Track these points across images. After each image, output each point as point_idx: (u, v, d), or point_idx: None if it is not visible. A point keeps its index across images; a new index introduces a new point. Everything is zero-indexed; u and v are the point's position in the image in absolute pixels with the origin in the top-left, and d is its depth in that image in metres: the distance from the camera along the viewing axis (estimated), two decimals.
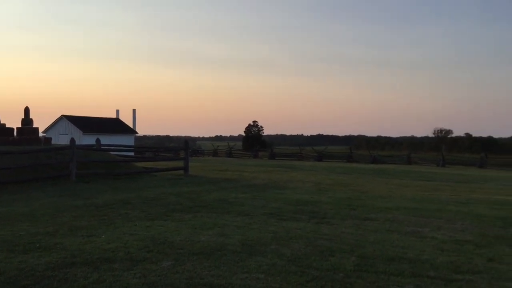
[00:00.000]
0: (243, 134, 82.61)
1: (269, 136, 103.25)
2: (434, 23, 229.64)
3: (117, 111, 48.88)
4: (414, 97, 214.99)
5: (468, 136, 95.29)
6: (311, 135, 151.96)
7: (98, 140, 19.07)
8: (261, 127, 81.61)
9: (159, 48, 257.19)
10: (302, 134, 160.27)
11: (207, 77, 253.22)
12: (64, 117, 43.91)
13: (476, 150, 60.67)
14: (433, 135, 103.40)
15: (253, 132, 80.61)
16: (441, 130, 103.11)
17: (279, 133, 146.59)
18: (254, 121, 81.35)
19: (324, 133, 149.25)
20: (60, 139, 37.43)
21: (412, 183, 16.06)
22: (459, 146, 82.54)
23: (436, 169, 28.01)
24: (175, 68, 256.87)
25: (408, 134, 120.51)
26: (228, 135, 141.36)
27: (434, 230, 7.35)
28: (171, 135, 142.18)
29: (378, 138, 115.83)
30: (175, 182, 14.42)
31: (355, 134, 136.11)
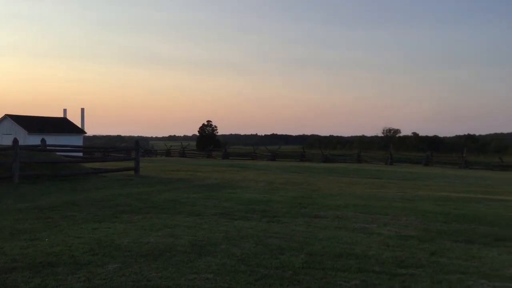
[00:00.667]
0: (197, 134, 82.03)
1: (223, 135, 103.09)
2: (382, 24, 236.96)
3: (65, 110, 47.17)
4: (365, 98, 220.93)
5: (415, 135, 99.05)
6: (265, 135, 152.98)
7: (43, 140, 18.29)
8: (215, 126, 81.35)
9: (111, 46, 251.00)
10: (256, 134, 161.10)
11: (160, 76, 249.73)
12: (8, 117, 41.87)
13: (423, 148, 63.13)
14: (382, 135, 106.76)
15: (207, 132, 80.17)
16: (389, 130, 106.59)
17: (233, 132, 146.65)
18: (208, 121, 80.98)
19: (278, 133, 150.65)
20: (4, 140, 35.68)
21: (361, 181, 16.49)
22: (407, 145, 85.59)
23: (385, 167, 28.91)
24: (128, 67, 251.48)
25: (359, 134, 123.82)
26: (182, 135, 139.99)
27: (380, 226, 7.57)
28: (122, 135, 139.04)
29: (330, 138, 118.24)
30: (125, 183, 14.09)
31: (308, 133, 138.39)
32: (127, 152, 38.59)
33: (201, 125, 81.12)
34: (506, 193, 13.56)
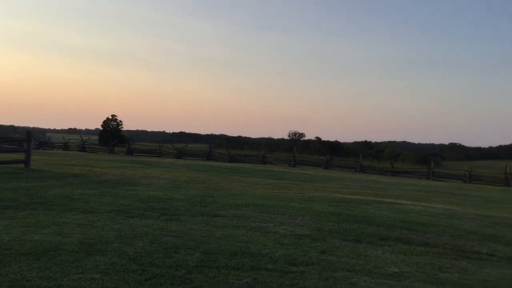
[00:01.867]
0: (100, 128, 78.38)
1: (129, 131, 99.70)
2: (295, 30, 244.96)
3: None
4: (274, 101, 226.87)
5: (318, 139, 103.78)
6: (173, 133, 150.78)
7: None
8: (120, 121, 78.33)
9: (9, 30, 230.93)
10: (164, 131, 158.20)
11: (62, 66, 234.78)
12: None
13: (324, 152, 66.08)
14: (288, 137, 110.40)
15: (111, 127, 76.91)
16: (295, 133, 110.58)
17: (140, 129, 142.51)
18: (112, 115, 77.72)
19: (187, 131, 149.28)
20: None
21: (264, 182, 16.82)
22: (310, 148, 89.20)
23: (288, 169, 29.81)
24: (25, 54, 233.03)
25: (267, 136, 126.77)
26: (83, 129, 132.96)
27: (277, 225, 7.75)
28: (16, 125, 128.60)
29: (239, 138, 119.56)
30: (13, 177, 12.98)
31: (217, 133, 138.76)
32: (19, 143, 35.66)
33: (105, 119, 77.68)
34: (394, 196, 14.62)
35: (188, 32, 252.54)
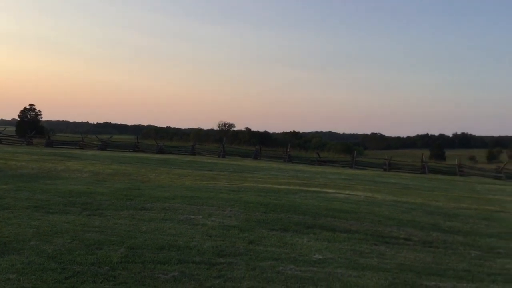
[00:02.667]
0: (17, 119, 73.48)
1: (49, 122, 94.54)
2: (227, 21, 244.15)
3: None
4: (204, 91, 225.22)
5: (248, 130, 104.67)
6: (97, 123, 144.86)
7: None
8: (39, 111, 73.85)
9: None
10: (87, 122, 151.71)
11: None
12: None
13: (254, 143, 66.77)
14: (218, 128, 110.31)
15: (29, 117, 72.35)
16: (225, 124, 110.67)
17: (61, 119, 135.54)
18: (30, 105, 73.02)
19: (112, 121, 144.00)
20: None
21: (193, 173, 16.68)
22: (240, 139, 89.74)
23: (217, 160, 29.78)
24: None
25: (196, 126, 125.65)
26: None
27: (205, 217, 7.71)
28: None
29: (168, 129, 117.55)
30: None
31: (145, 124, 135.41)
32: None
33: (22, 109, 72.90)
34: (320, 185, 15.11)
35: (116, 19, 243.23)
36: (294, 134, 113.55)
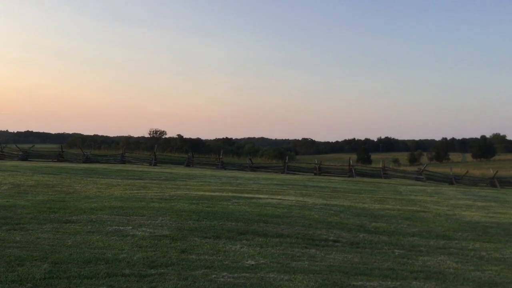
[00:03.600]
0: None
1: None
2: (152, 27, 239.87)
3: None
4: (133, 98, 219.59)
5: (180, 137, 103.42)
6: (18, 132, 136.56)
7: None
8: None
9: None
10: (7, 130, 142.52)
11: None
12: None
13: (186, 150, 66.12)
14: (149, 136, 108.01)
15: None
16: (156, 131, 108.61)
17: None
18: None
19: (34, 130, 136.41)
20: None
21: (122, 182, 16.16)
22: (172, 146, 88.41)
23: (148, 168, 29.09)
24: None
25: (126, 134, 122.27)
26: None
27: (135, 227, 7.50)
28: None
29: (95, 137, 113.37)
30: None
31: (70, 132, 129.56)
32: None
33: None
34: (252, 191, 15.22)
35: (38, 22, 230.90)
36: (227, 141, 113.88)
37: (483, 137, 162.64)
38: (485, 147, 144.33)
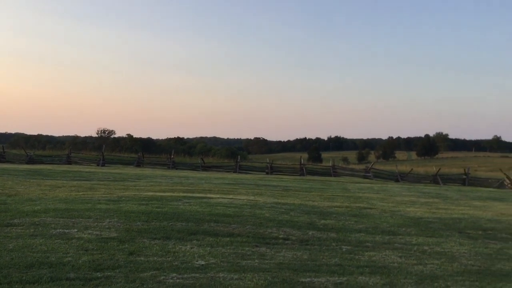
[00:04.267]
0: None
1: None
2: (99, 24, 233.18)
3: None
4: (80, 96, 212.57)
5: (130, 136, 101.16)
6: None
7: None
8: None
9: None
10: None
11: None
12: None
13: (136, 150, 64.76)
14: (97, 135, 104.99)
15: None
16: (104, 131, 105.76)
17: None
18: None
19: None
20: None
21: (68, 184, 15.62)
22: (121, 146, 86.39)
23: (96, 169, 28.28)
24: None
25: (72, 134, 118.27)
26: None
27: (81, 230, 7.27)
28: None
29: (39, 137, 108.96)
30: None
31: (12, 131, 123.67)
32: None
33: None
34: (204, 191, 15.14)
35: None
36: (179, 140, 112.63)
37: (427, 136, 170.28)
38: (429, 146, 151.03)
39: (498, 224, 10.92)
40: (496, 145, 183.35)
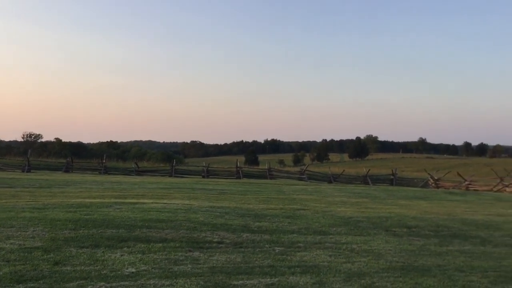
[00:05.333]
0: None
1: None
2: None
3: None
4: (3, 97, 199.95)
5: (58, 141, 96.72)
6: None
7: None
8: None
9: None
10: None
11: None
12: None
13: (65, 154, 62.07)
14: (22, 139, 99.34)
15: None
16: (30, 134, 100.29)
17: None
18: None
19: None
20: None
21: None
22: (49, 151, 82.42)
23: (20, 175, 26.71)
24: None
25: None
26: None
27: (3, 240, 6.83)
28: None
29: None
30: None
31: None
32: None
33: None
34: (137, 196, 14.76)
35: None
36: (112, 144, 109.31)
37: (358, 138, 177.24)
38: (360, 148, 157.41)
39: (422, 221, 11.57)
40: (421, 146, 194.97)
